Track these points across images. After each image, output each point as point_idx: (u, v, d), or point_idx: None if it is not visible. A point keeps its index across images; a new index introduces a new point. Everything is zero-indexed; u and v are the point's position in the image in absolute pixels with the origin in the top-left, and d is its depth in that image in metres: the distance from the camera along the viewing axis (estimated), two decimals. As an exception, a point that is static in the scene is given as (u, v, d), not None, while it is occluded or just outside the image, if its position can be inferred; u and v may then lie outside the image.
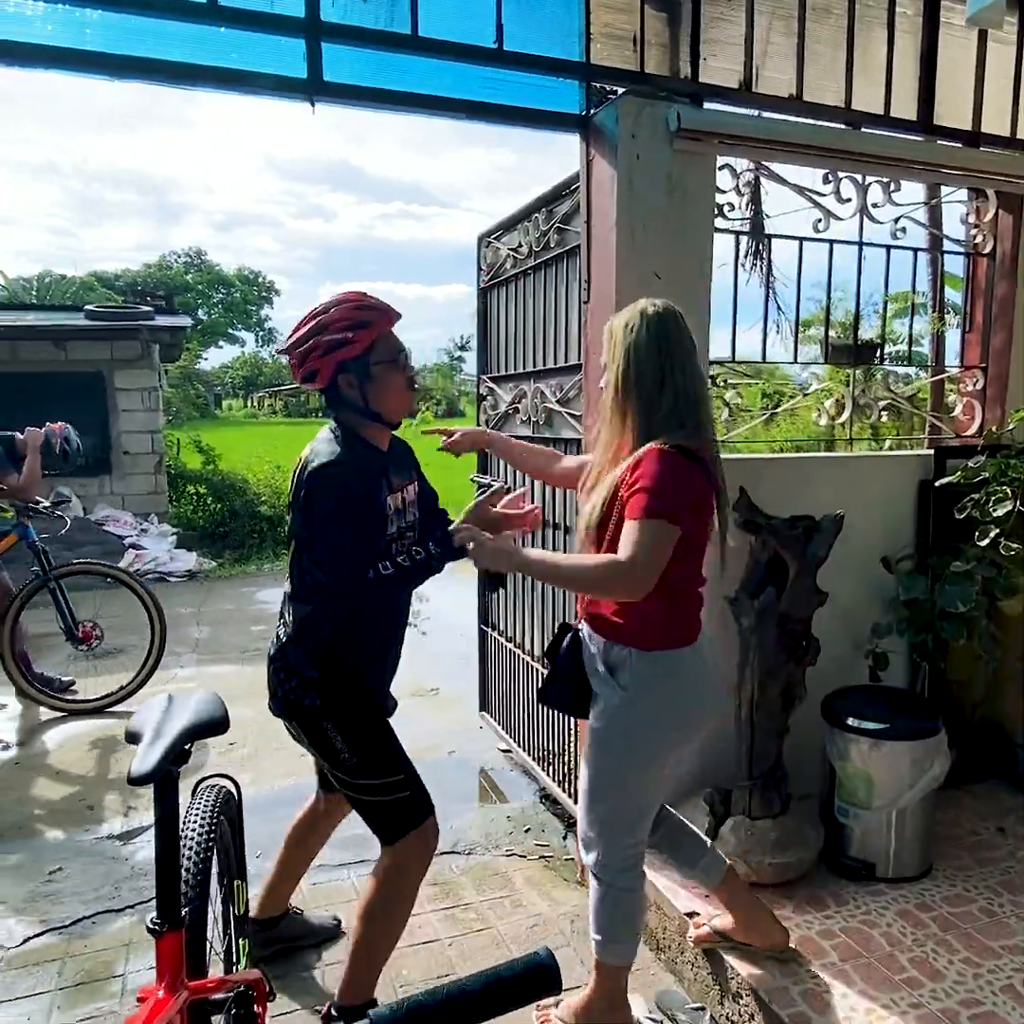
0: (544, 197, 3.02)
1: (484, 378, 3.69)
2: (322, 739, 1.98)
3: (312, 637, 1.96)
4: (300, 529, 1.91)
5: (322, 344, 1.88)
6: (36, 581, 4.32)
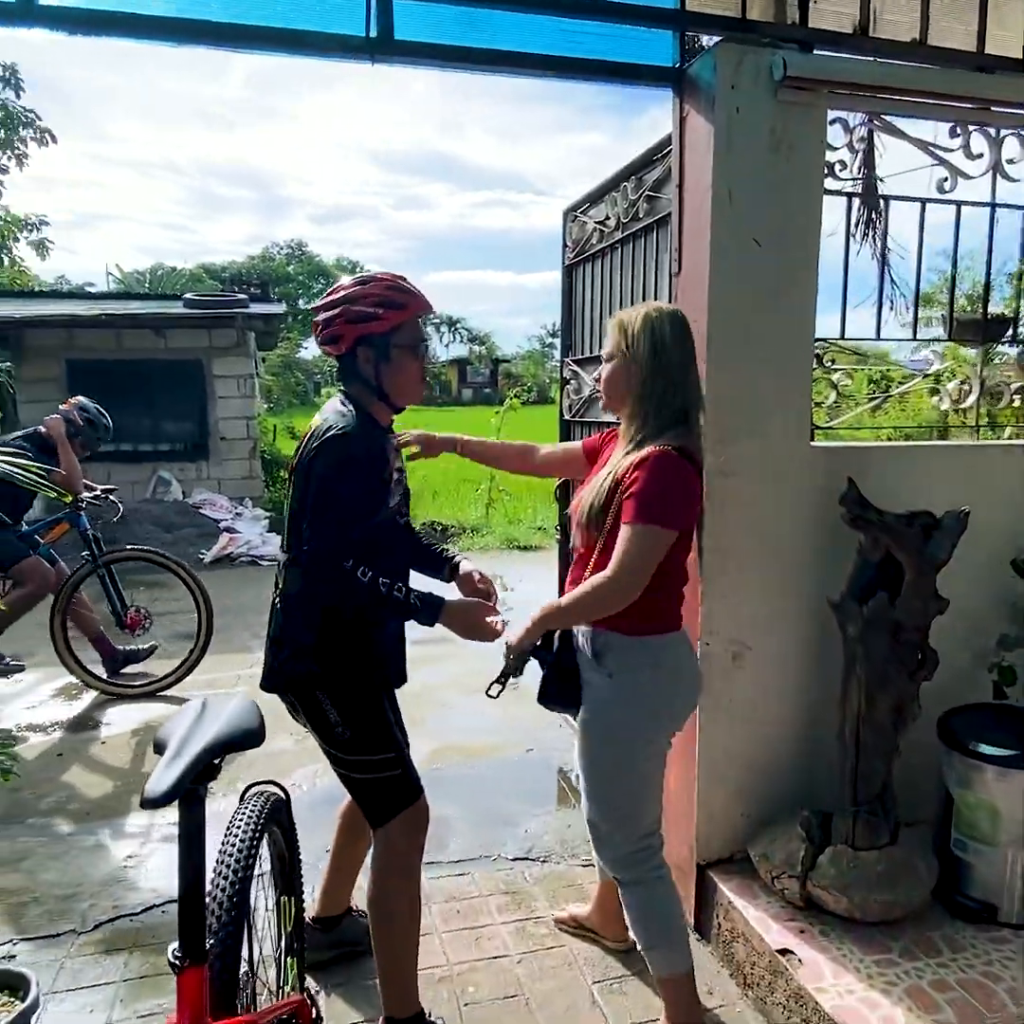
0: (633, 164, 2.80)
1: (568, 361, 3.51)
2: (316, 711, 1.91)
3: (308, 602, 1.89)
4: (307, 495, 1.82)
5: (350, 313, 1.88)
6: (86, 567, 4.37)
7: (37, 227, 15.44)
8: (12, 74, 14.09)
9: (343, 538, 1.77)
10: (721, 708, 2.30)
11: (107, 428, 4.51)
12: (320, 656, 1.90)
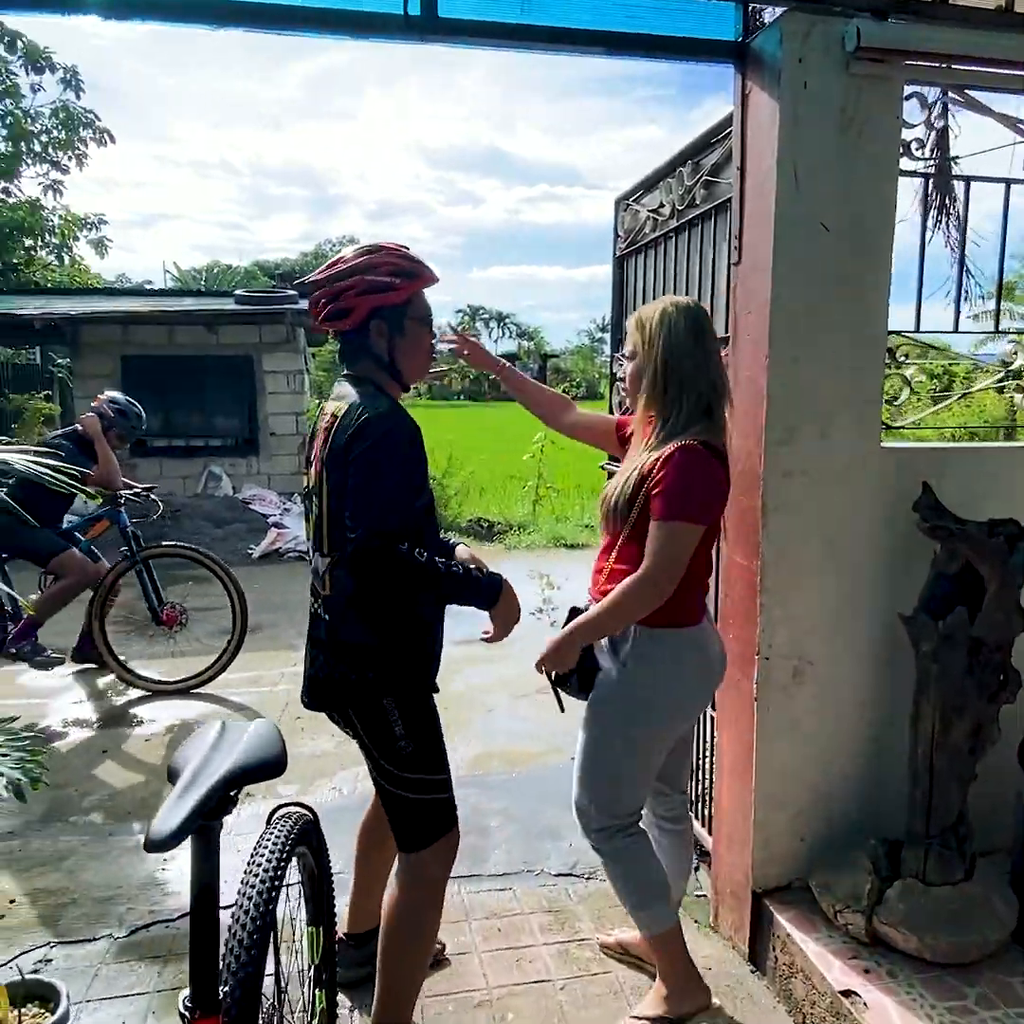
0: (690, 148, 2.65)
1: (618, 356, 3.37)
2: (379, 721, 1.79)
3: (365, 600, 1.76)
4: (353, 484, 1.67)
5: (365, 283, 1.76)
6: (124, 563, 4.38)
7: (96, 226, 15.80)
8: (73, 75, 14.40)
9: (396, 521, 1.64)
10: (781, 727, 2.15)
11: (138, 416, 4.52)
12: (384, 659, 1.78)
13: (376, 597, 1.75)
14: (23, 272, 14.84)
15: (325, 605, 1.81)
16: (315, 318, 1.82)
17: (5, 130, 14.20)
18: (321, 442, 1.77)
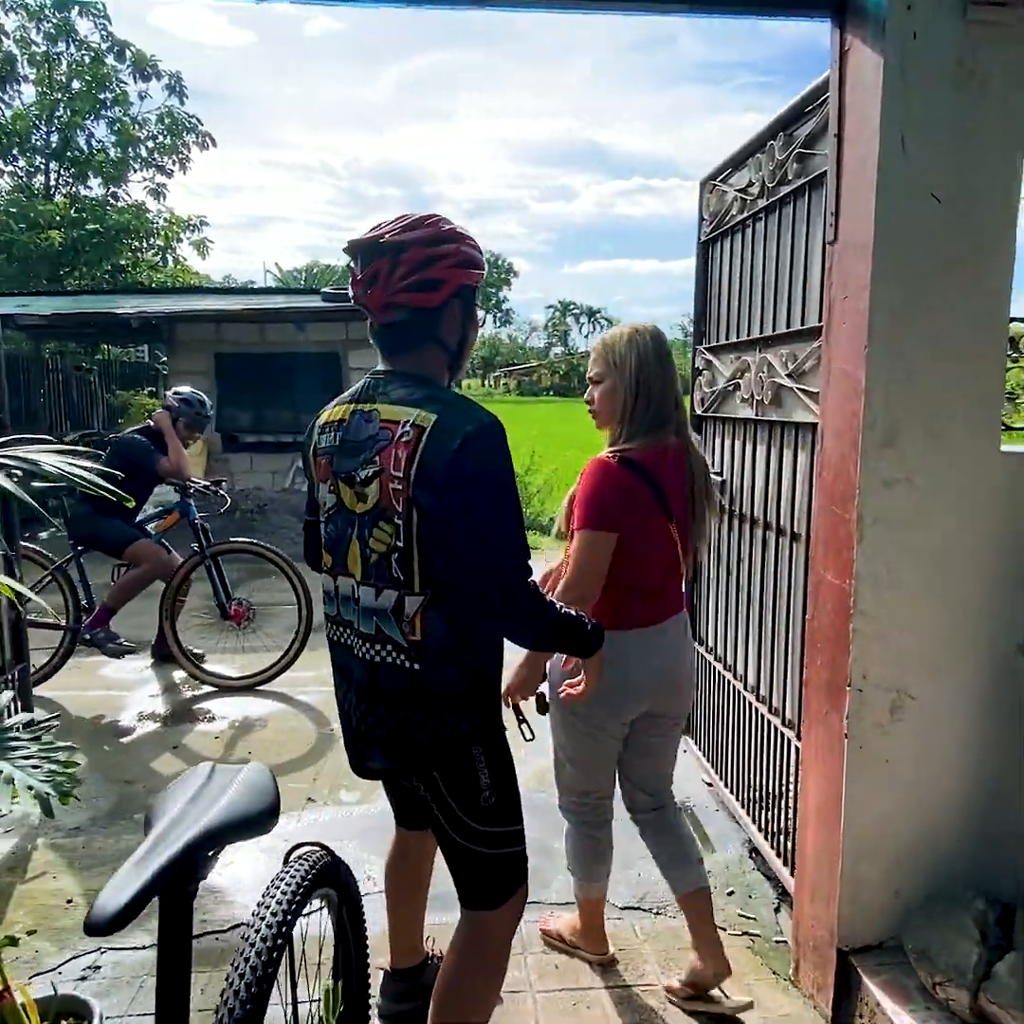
0: (782, 119, 2.40)
1: (701, 349, 3.13)
2: (466, 774, 1.59)
3: (461, 645, 1.54)
4: (471, 509, 1.44)
5: (461, 254, 1.53)
6: (194, 558, 4.41)
7: (198, 227, 16.37)
8: (177, 82, 14.94)
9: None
10: (874, 767, 1.90)
11: (201, 403, 4.56)
12: (477, 705, 1.59)
13: (480, 637, 1.57)
14: (130, 273, 15.51)
15: (413, 652, 1.51)
16: (382, 288, 1.49)
17: (114, 136, 14.84)
18: (407, 457, 1.45)
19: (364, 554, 1.53)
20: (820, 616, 2.01)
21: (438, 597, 1.49)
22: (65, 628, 4.32)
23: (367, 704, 1.60)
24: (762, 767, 2.68)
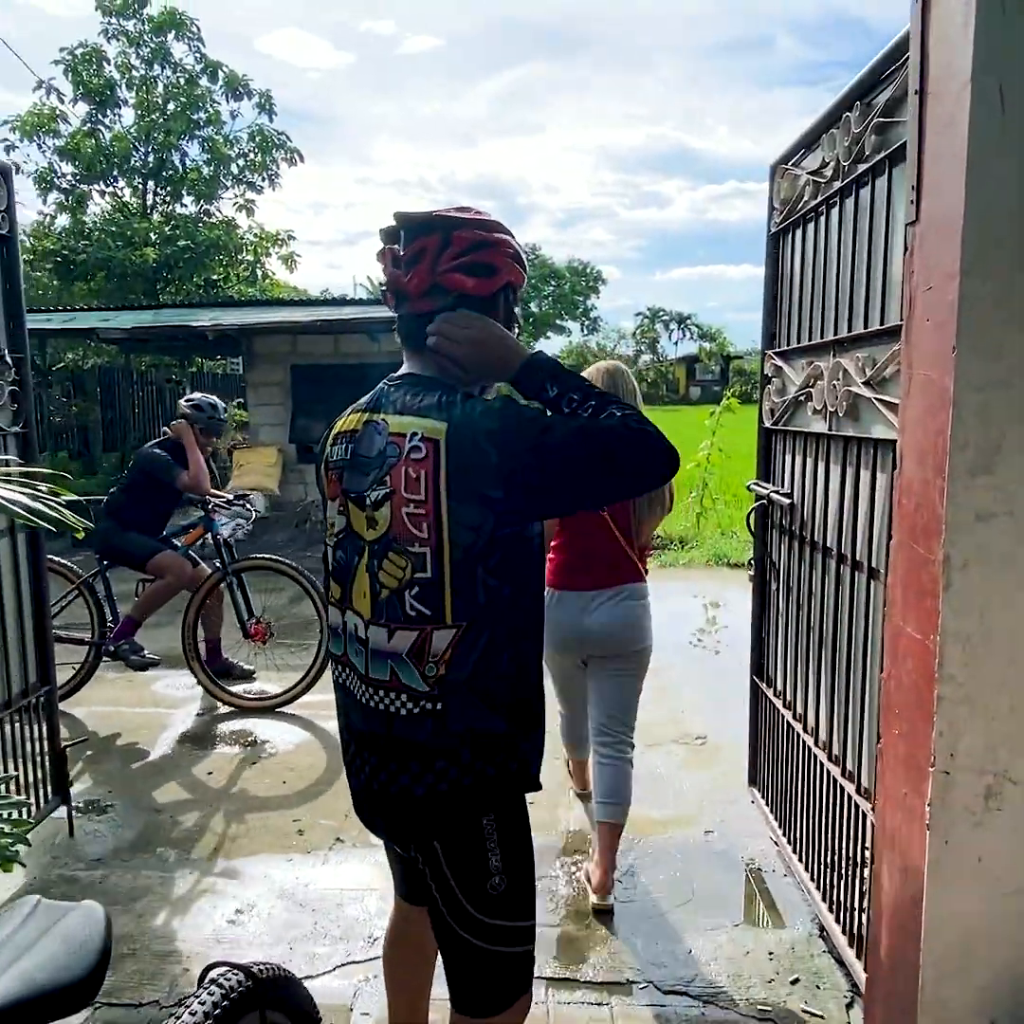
0: (858, 86, 2.06)
1: (770, 353, 2.79)
2: (472, 850, 1.37)
3: (491, 674, 1.34)
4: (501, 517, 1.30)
5: (513, 247, 1.40)
6: (216, 575, 4.29)
7: (285, 242, 16.70)
8: (267, 100, 15.30)
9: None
10: (963, 869, 1.54)
11: (213, 406, 4.41)
12: (505, 751, 1.37)
13: (499, 668, 1.35)
14: (221, 288, 15.94)
15: (437, 691, 1.32)
16: (429, 268, 1.34)
17: (207, 155, 15.31)
18: (427, 475, 1.28)
19: (373, 589, 1.34)
20: (898, 676, 1.66)
21: (475, 623, 1.31)
22: (90, 643, 4.27)
23: (378, 759, 1.39)
24: (833, 836, 2.31)
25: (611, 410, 1.30)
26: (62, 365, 11.73)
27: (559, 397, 1.32)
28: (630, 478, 1.31)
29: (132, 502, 4.28)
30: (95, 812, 3.23)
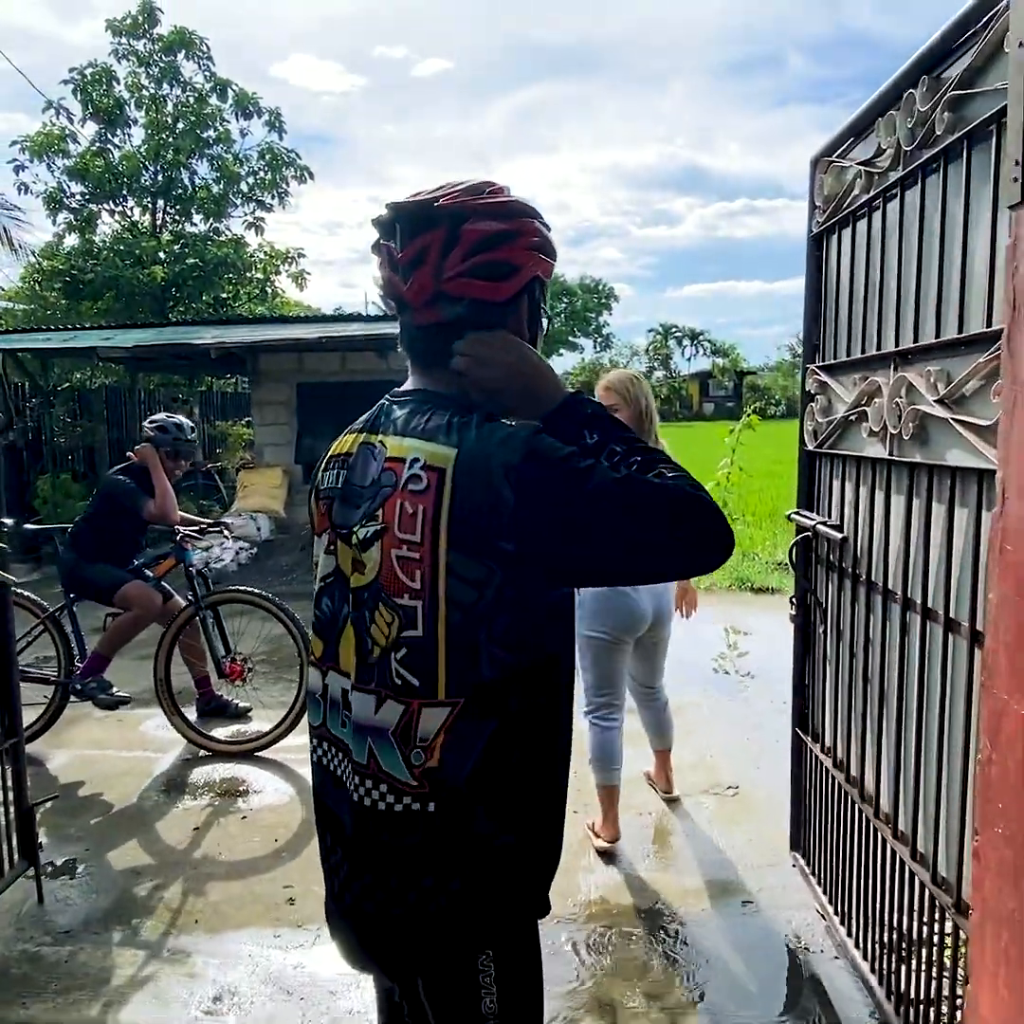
0: (923, 59, 1.78)
1: (812, 368, 2.49)
2: (463, 990, 1.10)
3: (500, 773, 1.07)
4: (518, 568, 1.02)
5: (537, 234, 1.12)
6: (189, 608, 3.97)
7: (295, 260, 16.58)
8: (276, 118, 15.22)
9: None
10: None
11: (178, 426, 4.08)
12: (514, 871, 1.11)
13: (509, 762, 1.08)
14: (230, 306, 15.82)
15: (427, 788, 1.05)
16: (433, 272, 1.07)
17: (217, 173, 15.23)
18: (426, 512, 1.03)
19: (363, 646, 1.10)
20: (1002, 763, 1.35)
21: (477, 702, 1.04)
22: (57, 682, 3.98)
23: (351, 865, 1.12)
24: (893, 914, 2.00)
25: (660, 468, 1.03)
26: (67, 385, 11.55)
27: (599, 447, 1.05)
28: (681, 554, 1.03)
29: (96, 532, 3.97)
30: (68, 874, 2.94)
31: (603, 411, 1.10)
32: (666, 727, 3.29)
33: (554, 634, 1.11)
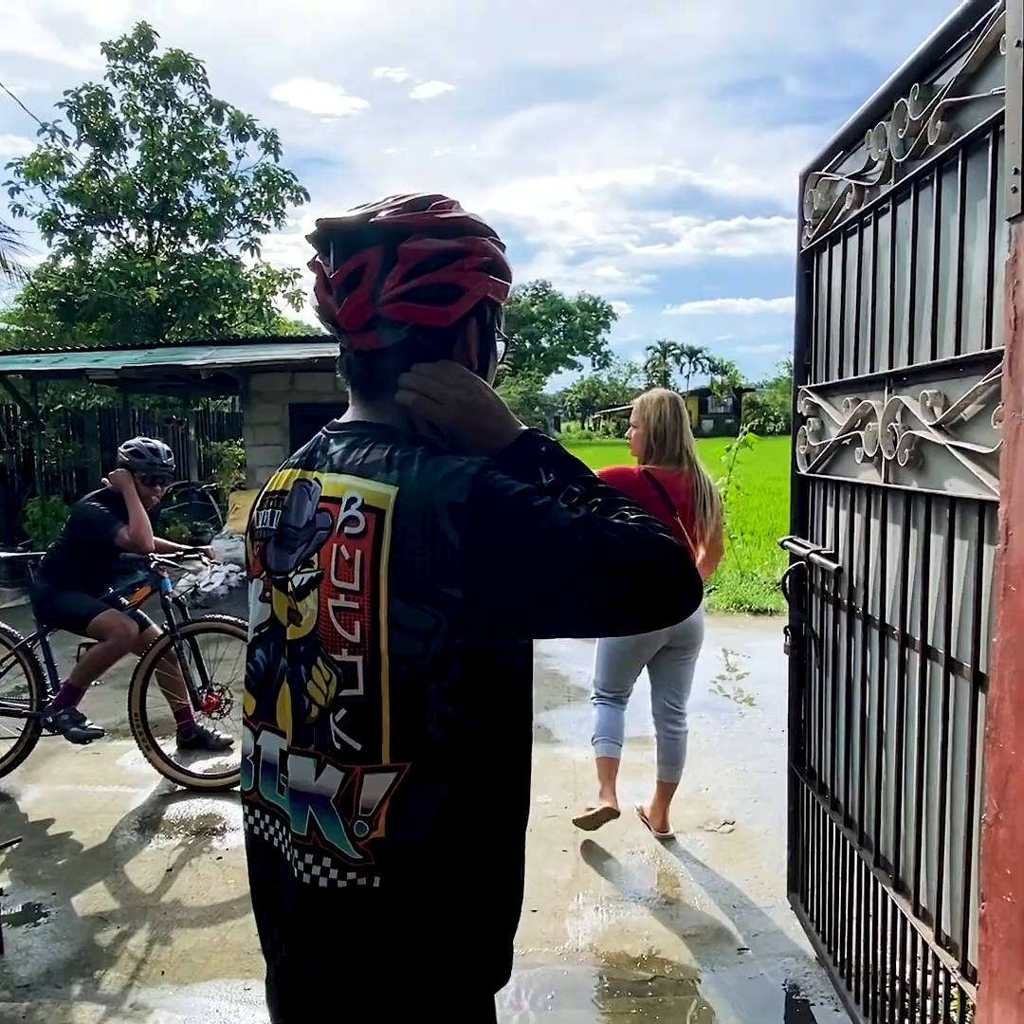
0: (914, 66, 1.69)
1: (804, 389, 2.39)
2: None
3: (453, 842, 0.97)
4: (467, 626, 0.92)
5: (487, 253, 1.02)
6: (164, 638, 3.84)
7: (291, 280, 16.58)
8: (272, 139, 15.26)
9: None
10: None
11: (153, 451, 3.94)
12: (468, 947, 1.00)
13: (463, 830, 0.97)
14: (226, 326, 15.79)
15: (374, 861, 0.94)
16: (367, 294, 0.98)
17: (212, 194, 15.25)
18: (364, 558, 0.93)
19: (299, 706, 0.99)
20: (1011, 824, 1.23)
21: (425, 765, 0.94)
22: (28, 715, 3.83)
23: (289, 948, 1.02)
24: (903, 978, 1.87)
25: (621, 511, 0.93)
26: (60, 406, 11.48)
27: (557, 486, 0.96)
28: (643, 602, 0.91)
29: (69, 560, 3.84)
30: (32, 922, 2.80)
31: (559, 449, 1.01)
32: (679, 759, 3.23)
33: (510, 687, 1.00)
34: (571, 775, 3.78)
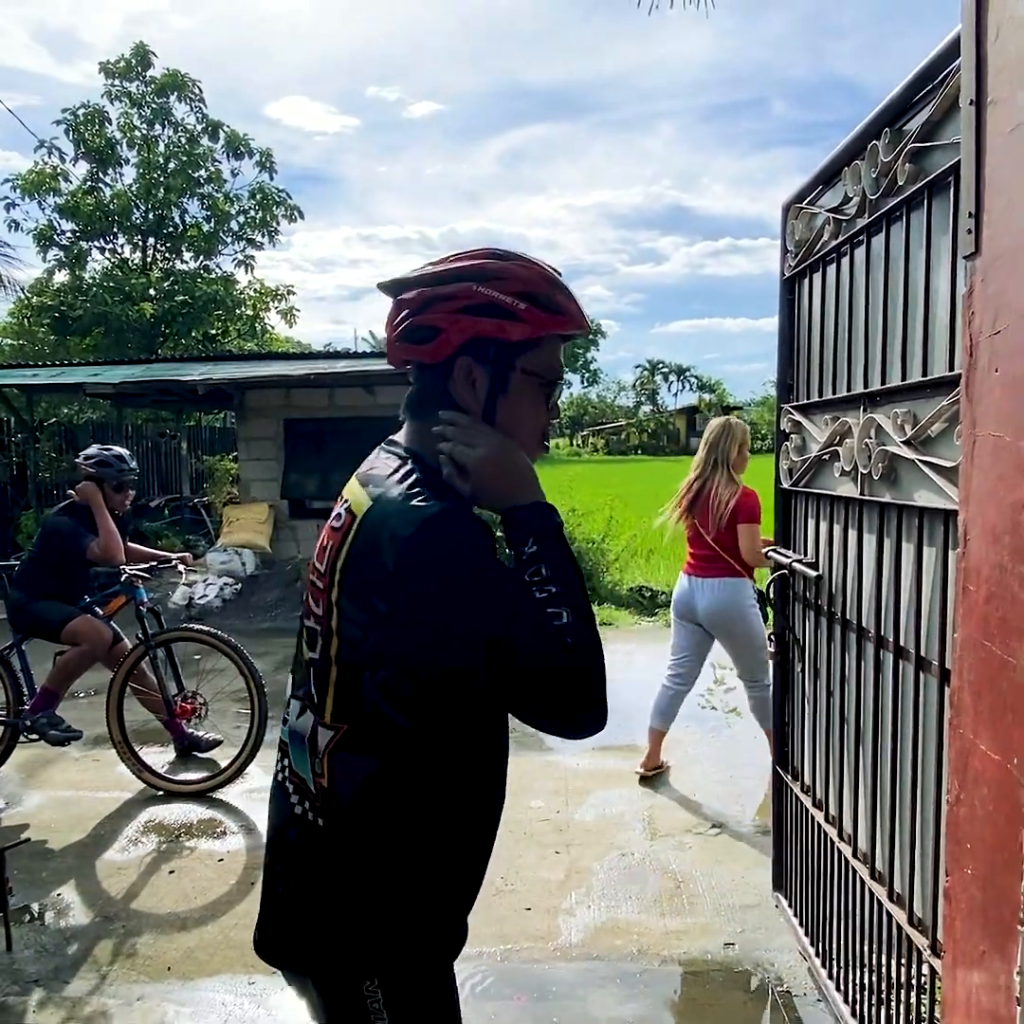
0: (885, 111, 1.84)
1: (787, 408, 2.53)
2: (355, 1013, 1.12)
3: (387, 814, 1.10)
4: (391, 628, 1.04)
5: (474, 296, 1.10)
6: (138, 648, 3.90)
7: (285, 297, 16.72)
8: (267, 158, 15.44)
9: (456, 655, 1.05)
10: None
11: (119, 458, 3.96)
12: (404, 913, 1.12)
13: (424, 784, 1.10)
14: (220, 342, 15.90)
15: (319, 803, 1.11)
16: (390, 335, 1.18)
17: (207, 211, 15.40)
18: (333, 549, 1.11)
19: (298, 657, 1.22)
20: (970, 803, 1.35)
21: (358, 735, 1.09)
22: (6, 722, 3.89)
23: (269, 863, 1.25)
24: (872, 954, 1.98)
25: (565, 610, 1.04)
26: (54, 420, 11.55)
27: (529, 561, 1.07)
28: (543, 709, 1.04)
29: (41, 572, 3.89)
30: (39, 920, 2.88)
31: (557, 532, 1.10)
32: (761, 714, 3.64)
33: (461, 701, 1.08)
34: (562, 781, 3.88)
